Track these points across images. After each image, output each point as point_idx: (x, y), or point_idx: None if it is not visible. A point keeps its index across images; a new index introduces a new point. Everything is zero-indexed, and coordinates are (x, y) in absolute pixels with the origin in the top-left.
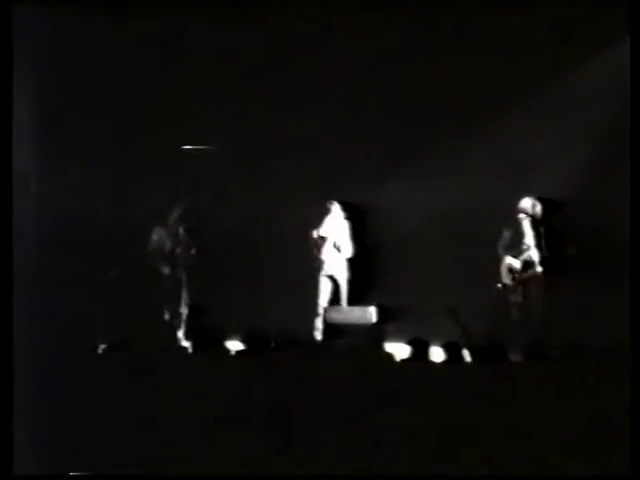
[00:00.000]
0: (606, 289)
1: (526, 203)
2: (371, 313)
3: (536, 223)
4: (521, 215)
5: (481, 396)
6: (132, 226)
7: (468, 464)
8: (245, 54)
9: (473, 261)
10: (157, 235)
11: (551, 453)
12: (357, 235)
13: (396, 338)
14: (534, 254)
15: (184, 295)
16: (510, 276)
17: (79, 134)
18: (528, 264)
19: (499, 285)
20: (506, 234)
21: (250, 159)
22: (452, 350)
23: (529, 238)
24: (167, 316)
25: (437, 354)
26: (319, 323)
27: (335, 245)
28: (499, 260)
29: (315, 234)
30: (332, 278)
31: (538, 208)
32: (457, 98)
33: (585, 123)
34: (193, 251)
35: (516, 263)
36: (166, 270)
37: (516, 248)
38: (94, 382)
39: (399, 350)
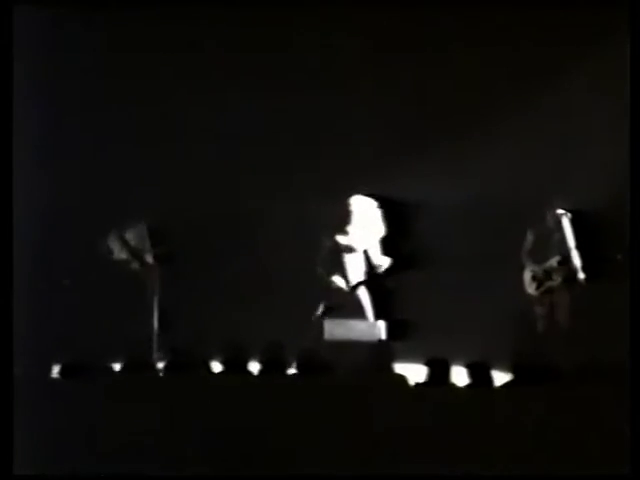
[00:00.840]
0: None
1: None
2: (379, 328)
3: (575, 222)
4: (560, 211)
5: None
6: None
7: (468, 464)
8: (245, 53)
9: (497, 267)
10: (130, 235)
11: (551, 453)
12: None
13: (410, 358)
14: (575, 257)
15: (155, 306)
16: (534, 285)
17: (79, 134)
18: (554, 271)
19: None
20: (530, 237)
21: (243, 158)
22: (478, 371)
23: (570, 238)
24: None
25: (460, 376)
26: (316, 339)
27: (364, 253)
28: (523, 267)
29: (331, 241)
30: (353, 289)
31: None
32: (464, 97)
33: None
34: (163, 250)
35: (541, 270)
36: (136, 268)
37: (541, 253)
38: (92, 382)
39: (414, 372)
